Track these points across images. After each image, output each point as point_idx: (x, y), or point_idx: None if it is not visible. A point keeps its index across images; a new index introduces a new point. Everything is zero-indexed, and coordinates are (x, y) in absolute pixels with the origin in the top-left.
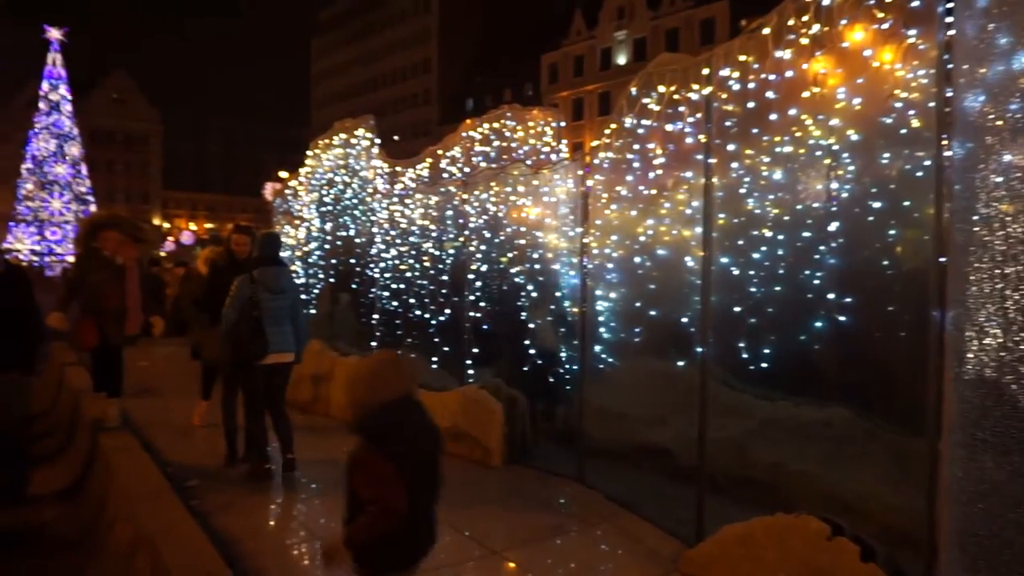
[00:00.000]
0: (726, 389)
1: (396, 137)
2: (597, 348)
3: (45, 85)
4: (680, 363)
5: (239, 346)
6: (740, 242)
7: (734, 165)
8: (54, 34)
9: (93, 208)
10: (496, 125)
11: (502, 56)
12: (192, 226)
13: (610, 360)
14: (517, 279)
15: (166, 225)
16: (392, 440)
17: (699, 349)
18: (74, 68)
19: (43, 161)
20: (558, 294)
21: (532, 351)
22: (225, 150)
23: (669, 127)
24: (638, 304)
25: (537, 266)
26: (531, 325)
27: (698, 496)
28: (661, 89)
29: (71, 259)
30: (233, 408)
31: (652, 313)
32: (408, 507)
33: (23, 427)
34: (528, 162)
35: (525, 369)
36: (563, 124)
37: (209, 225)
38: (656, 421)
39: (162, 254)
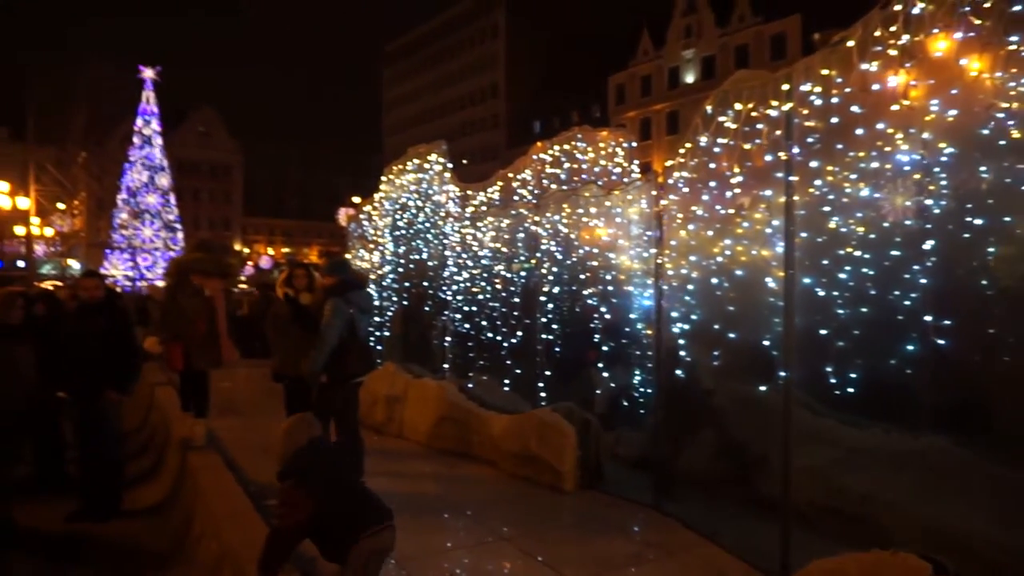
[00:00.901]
0: (810, 415)
1: (465, 161)
2: (676, 372)
3: (139, 121)
4: (762, 387)
5: (340, 366)
6: (824, 262)
7: (817, 182)
8: (148, 74)
9: (180, 235)
10: (567, 147)
11: (569, 78)
12: (270, 251)
13: (687, 383)
14: (590, 301)
15: (246, 250)
16: (309, 477)
17: (782, 373)
18: (164, 104)
19: (136, 191)
20: (632, 316)
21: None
22: (301, 177)
23: (747, 145)
24: (716, 326)
25: (610, 287)
26: (604, 348)
27: (782, 527)
28: (738, 106)
29: (159, 283)
30: (327, 429)
31: (731, 335)
32: (335, 518)
33: (118, 445)
34: (599, 183)
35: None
36: (634, 144)
37: (285, 250)
38: (735, 447)
39: (241, 278)
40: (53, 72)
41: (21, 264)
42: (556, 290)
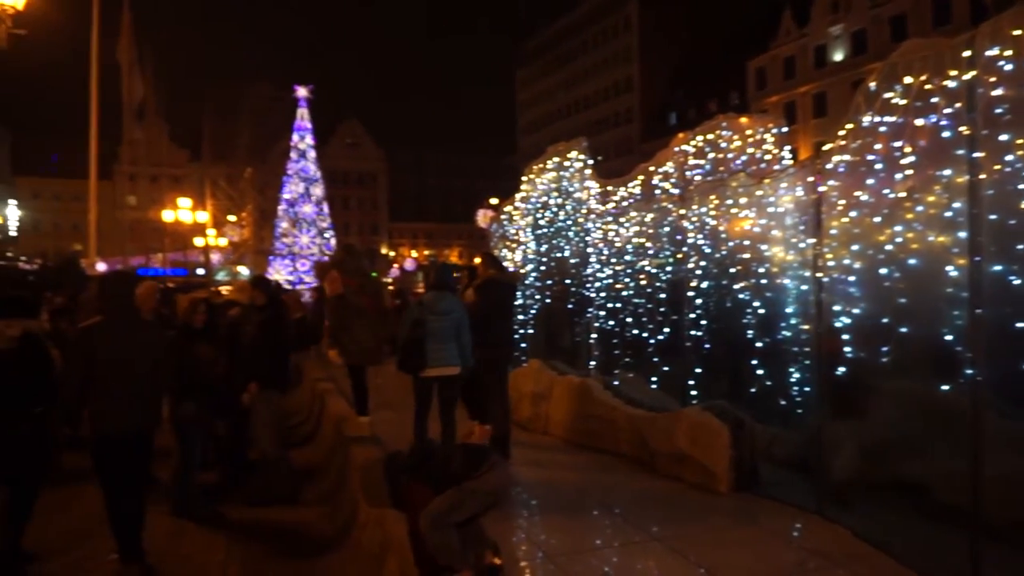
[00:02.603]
0: (998, 417)
1: (599, 157)
2: (841, 369)
3: (295, 136)
4: (944, 387)
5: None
6: (1019, 247)
7: (1007, 158)
8: (302, 92)
9: (333, 242)
10: (710, 136)
11: (705, 66)
12: (413, 253)
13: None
14: (741, 295)
15: (392, 253)
16: (411, 470)
17: (969, 371)
18: (316, 118)
19: (294, 202)
20: (789, 310)
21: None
22: (441, 182)
23: (919, 121)
24: (885, 320)
25: (763, 281)
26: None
27: (972, 540)
28: (908, 80)
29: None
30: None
31: (902, 330)
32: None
33: (276, 435)
34: (748, 171)
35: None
36: (785, 130)
37: (427, 252)
38: (909, 452)
39: (387, 280)
40: (222, 98)
41: (200, 271)
42: (704, 285)
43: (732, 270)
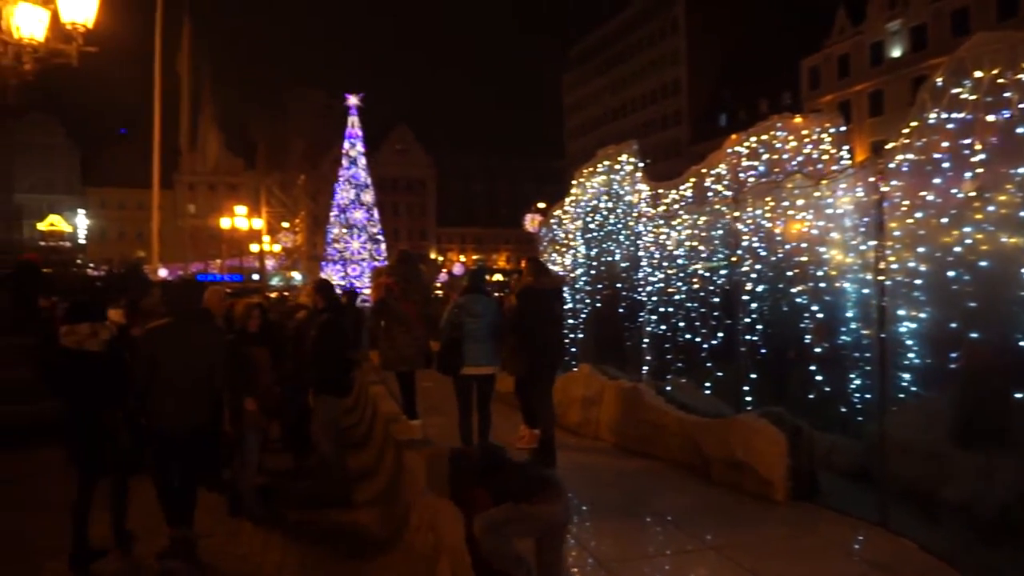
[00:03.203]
0: None
1: (648, 160)
2: (905, 375)
3: (346, 144)
4: (1019, 395)
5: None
6: None
7: None
8: (352, 100)
9: (383, 247)
10: (764, 137)
11: (754, 66)
12: (462, 258)
13: (914, 389)
14: (798, 299)
15: (440, 258)
16: (474, 475)
17: None
18: (366, 125)
19: (345, 208)
20: (848, 315)
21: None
22: (488, 187)
23: (990, 117)
24: (953, 325)
25: (822, 284)
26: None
27: None
28: (978, 74)
29: (367, 291)
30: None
31: (972, 335)
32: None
33: (332, 438)
34: (804, 172)
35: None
36: (843, 129)
37: (475, 257)
38: (979, 462)
39: (437, 285)
40: (276, 107)
41: (256, 277)
42: (760, 288)
43: (788, 273)
